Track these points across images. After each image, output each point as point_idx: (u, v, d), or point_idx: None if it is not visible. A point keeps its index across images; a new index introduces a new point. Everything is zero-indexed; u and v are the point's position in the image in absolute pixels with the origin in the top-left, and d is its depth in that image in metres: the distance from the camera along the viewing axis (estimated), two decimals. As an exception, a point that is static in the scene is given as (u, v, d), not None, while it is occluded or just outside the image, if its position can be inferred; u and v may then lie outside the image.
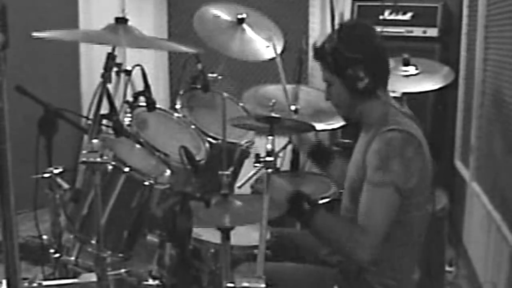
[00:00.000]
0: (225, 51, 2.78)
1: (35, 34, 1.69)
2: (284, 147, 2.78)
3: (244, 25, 2.83)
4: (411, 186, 1.78)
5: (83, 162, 1.69)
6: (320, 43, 1.95)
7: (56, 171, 2.02)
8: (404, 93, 2.74)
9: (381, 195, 1.76)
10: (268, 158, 1.80)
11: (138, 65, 2.19)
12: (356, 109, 1.92)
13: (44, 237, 2.27)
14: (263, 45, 2.84)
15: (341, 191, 2.33)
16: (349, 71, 1.85)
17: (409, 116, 1.90)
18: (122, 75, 2.65)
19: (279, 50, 2.87)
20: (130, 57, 2.97)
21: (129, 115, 2.26)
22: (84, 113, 2.06)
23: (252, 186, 2.78)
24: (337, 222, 1.87)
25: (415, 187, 1.79)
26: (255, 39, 2.85)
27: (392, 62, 2.01)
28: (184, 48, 1.95)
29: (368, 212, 1.77)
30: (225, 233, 1.75)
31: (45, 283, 2.01)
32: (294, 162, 3.25)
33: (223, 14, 2.84)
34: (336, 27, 2.05)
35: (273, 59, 2.85)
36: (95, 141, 1.69)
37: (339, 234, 1.80)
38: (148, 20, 4.33)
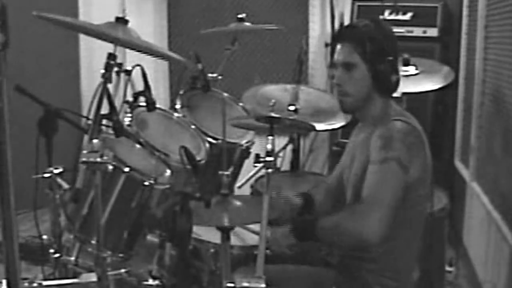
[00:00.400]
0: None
1: (35, 13, 1.67)
2: (284, 147, 2.78)
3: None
4: (412, 177, 1.76)
5: (83, 162, 1.69)
6: (348, 26, 1.94)
7: (56, 171, 2.02)
8: (404, 93, 2.73)
9: (386, 170, 1.73)
10: (268, 158, 1.80)
11: (138, 65, 2.19)
12: (365, 102, 1.90)
13: (44, 237, 2.27)
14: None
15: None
16: (382, 63, 1.84)
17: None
18: (122, 75, 2.64)
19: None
20: (130, 57, 2.96)
21: (129, 115, 2.26)
22: (84, 113, 2.06)
23: (252, 186, 2.79)
24: (339, 214, 1.82)
25: (415, 180, 1.78)
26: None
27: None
28: (178, 58, 1.94)
29: (373, 190, 1.73)
30: (225, 233, 1.75)
31: (45, 283, 2.01)
32: (294, 162, 3.26)
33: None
34: (337, 26, 2.04)
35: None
36: (95, 141, 1.69)
37: (343, 223, 1.74)
38: (148, 20, 4.33)
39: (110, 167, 1.99)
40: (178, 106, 2.59)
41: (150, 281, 1.97)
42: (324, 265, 2.02)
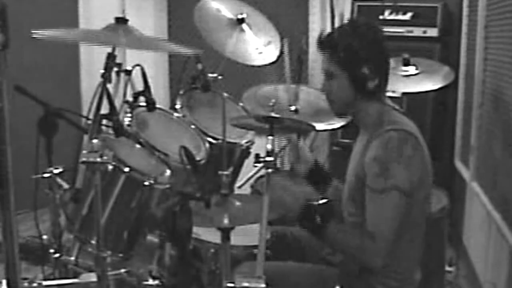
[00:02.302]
0: (220, 49, 2.76)
1: (34, 33, 1.68)
2: (284, 147, 2.78)
3: (244, 26, 2.83)
4: (414, 185, 1.77)
5: (83, 162, 1.68)
6: (326, 34, 1.89)
7: (56, 171, 2.02)
8: (404, 93, 2.74)
9: (387, 202, 1.75)
10: (268, 158, 1.80)
11: (138, 65, 2.19)
12: (353, 108, 1.91)
13: (44, 237, 2.28)
14: (259, 49, 2.82)
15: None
16: (360, 69, 1.82)
17: (401, 113, 1.91)
18: (122, 75, 2.65)
19: (275, 55, 2.85)
20: (130, 57, 2.96)
21: (129, 115, 2.26)
22: (84, 113, 2.06)
23: (252, 186, 2.78)
24: (347, 233, 1.85)
25: (417, 184, 1.79)
26: (252, 41, 2.84)
27: (392, 62, 1.99)
28: (183, 50, 1.94)
29: (376, 220, 1.77)
30: (225, 233, 1.75)
31: (45, 283, 2.01)
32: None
33: (224, 10, 2.83)
34: (341, 24, 2.03)
35: (263, 65, 2.83)
36: (95, 141, 1.69)
37: (350, 244, 1.81)
38: (148, 20, 4.33)
39: (110, 167, 2.00)
40: (178, 106, 2.59)
41: (150, 281, 1.97)
42: (326, 264, 2.02)
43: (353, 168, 1.91)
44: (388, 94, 1.96)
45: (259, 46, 2.82)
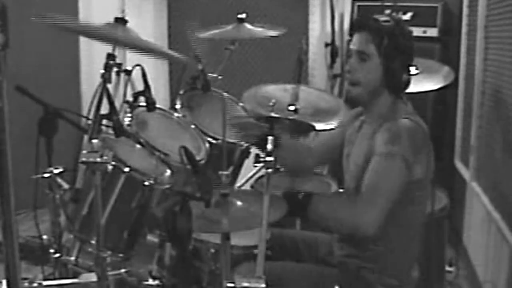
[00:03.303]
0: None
1: (34, 18, 1.67)
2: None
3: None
4: (415, 176, 1.77)
5: (83, 162, 1.68)
6: (368, 17, 1.91)
7: (56, 171, 2.02)
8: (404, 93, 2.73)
9: (389, 166, 1.75)
10: (268, 158, 1.80)
11: (138, 65, 2.19)
12: (373, 96, 1.90)
13: (44, 237, 2.28)
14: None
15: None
16: (395, 59, 1.84)
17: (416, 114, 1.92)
18: (122, 75, 2.65)
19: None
20: (130, 57, 2.96)
21: (129, 115, 2.26)
22: (84, 113, 2.06)
23: (252, 186, 2.78)
24: (336, 200, 1.87)
25: (417, 180, 1.79)
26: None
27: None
28: (178, 56, 1.93)
29: (375, 182, 1.75)
30: (225, 233, 1.75)
31: (45, 283, 2.01)
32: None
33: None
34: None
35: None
36: (95, 141, 1.69)
37: (340, 211, 1.79)
38: (148, 20, 4.33)
39: (110, 167, 2.00)
40: (178, 106, 2.59)
41: (150, 281, 1.97)
42: (324, 264, 2.02)
43: (359, 152, 1.90)
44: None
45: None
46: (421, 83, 2.72)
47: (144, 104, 2.16)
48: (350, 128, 2.06)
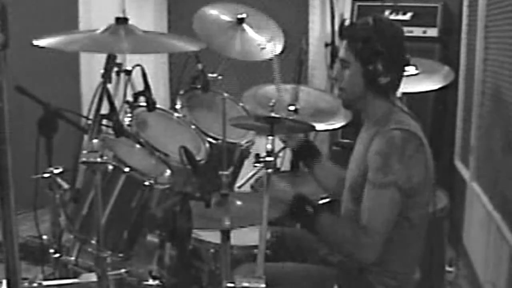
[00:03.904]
0: (225, 52, 2.77)
1: (35, 42, 1.68)
2: (284, 147, 2.77)
3: (244, 25, 2.83)
4: (413, 185, 1.78)
5: (83, 162, 1.68)
6: (349, 24, 1.95)
7: (56, 171, 2.02)
8: (404, 93, 2.73)
9: (383, 196, 1.76)
10: (268, 158, 1.80)
11: (138, 65, 2.19)
12: (361, 100, 1.92)
13: (44, 237, 2.28)
14: (261, 44, 2.82)
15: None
16: (374, 63, 1.84)
17: (409, 115, 1.91)
18: (122, 75, 2.65)
19: (279, 50, 2.86)
20: (130, 57, 2.96)
21: (129, 115, 2.26)
22: (84, 113, 2.06)
23: (252, 186, 2.78)
24: (340, 224, 1.87)
25: (417, 186, 1.79)
26: (256, 39, 2.84)
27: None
28: (186, 46, 1.93)
29: (371, 213, 1.78)
30: (225, 233, 1.75)
31: (45, 283, 2.01)
32: (294, 162, 3.25)
33: (222, 14, 2.84)
34: (339, 25, 2.06)
35: (271, 59, 2.85)
36: (95, 141, 1.69)
37: (342, 236, 1.81)
38: (148, 20, 4.33)
39: (110, 167, 2.00)
40: (178, 106, 2.59)
41: (150, 281, 1.97)
42: (324, 264, 2.02)
43: (356, 163, 1.92)
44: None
45: (261, 42, 2.82)
46: (421, 83, 2.72)
47: (144, 104, 2.16)
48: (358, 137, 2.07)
